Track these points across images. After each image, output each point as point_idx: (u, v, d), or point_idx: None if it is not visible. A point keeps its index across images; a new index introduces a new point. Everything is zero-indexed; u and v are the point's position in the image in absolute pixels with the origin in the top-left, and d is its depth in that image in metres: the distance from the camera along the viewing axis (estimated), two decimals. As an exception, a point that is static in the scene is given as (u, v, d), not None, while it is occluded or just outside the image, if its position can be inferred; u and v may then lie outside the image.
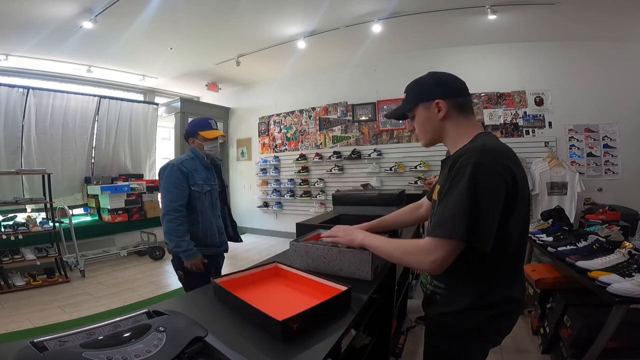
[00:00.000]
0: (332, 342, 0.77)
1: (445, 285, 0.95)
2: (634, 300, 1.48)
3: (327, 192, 5.30)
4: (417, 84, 1.00)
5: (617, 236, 2.09)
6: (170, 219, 1.75)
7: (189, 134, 1.96)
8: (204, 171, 1.92)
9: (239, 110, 6.54)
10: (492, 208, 0.79)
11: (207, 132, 1.93)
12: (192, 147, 1.96)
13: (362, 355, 1.31)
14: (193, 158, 1.92)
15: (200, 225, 1.86)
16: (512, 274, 0.91)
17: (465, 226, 0.77)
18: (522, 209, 0.86)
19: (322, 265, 1.20)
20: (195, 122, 1.98)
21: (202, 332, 0.67)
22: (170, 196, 1.78)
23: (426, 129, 0.99)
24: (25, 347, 0.58)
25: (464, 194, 0.79)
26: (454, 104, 0.94)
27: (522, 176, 0.85)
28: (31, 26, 3.42)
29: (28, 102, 4.22)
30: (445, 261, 0.81)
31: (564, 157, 4.02)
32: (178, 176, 1.80)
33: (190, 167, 1.86)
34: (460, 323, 0.92)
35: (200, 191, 1.87)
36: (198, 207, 1.86)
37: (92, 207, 4.93)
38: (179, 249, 1.75)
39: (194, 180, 1.84)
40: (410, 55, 4.71)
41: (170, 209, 1.76)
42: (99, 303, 3.13)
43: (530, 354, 2.15)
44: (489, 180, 0.79)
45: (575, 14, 3.40)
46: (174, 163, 1.85)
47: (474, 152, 0.82)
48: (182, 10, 3.37)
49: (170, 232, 1.75)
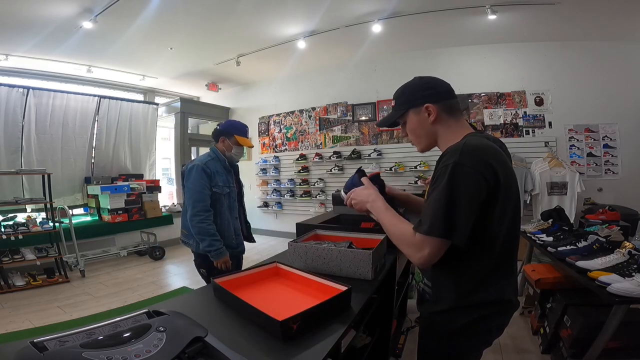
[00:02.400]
0: (332, 342, 0.78)
1: (432, 284, 0.97)
2: (634, 300, 1.48)
3: (327, 192, 5.30)
4: (405, 91, 1.01)
5: (617, 236, 2.09)
6: (201, 219, 1.79)
7: (222, 132, 1.96)
8: (224, 173, 1.94)
9: (239, 110, 6.54)
10: (467, 205, 0.81)
11: (243, 138, 1.97)
12: (213, 146, 1.97)
13: (362, 355, 1.31)
14: (214, 159, 1.93)
15: (218, 226, 1.88)
16: (500, 274, 0.90)
17: (442, 223, 0.80)
18: (507, 208, 0.86)
19: (322, 266, 1.20)
20: (234, 124, 2.01)
21: (202, 332, 0.67)
22: (198, 197, 1.81)
23: (419, 134, 1.01)
24: (25, 347, 0.58)
25: (442, 193, 0.82)
26: (443, 107, 0.96)
27: (507, 174, 0.85)
28: (31, 26, 3.42)
29: (28, 102, 4.22)
30: (431, 257, 0.84)
31: (564, 157, 4.02)
32: (203, 177, 1.83)
33: (213, 168, 1.88)
34: (449, 322, 0.92)
35: (221, 193, 1.90)
36: (217, 208, 1.89)
37: (92, 207, 4.93)
38: (212, 248, 1.79)
39: (215, 182, 1.87)
40: (410, 55, 4.71)
41: (200, 209, 1.80)
42: (99, 303, 3.12)
43: (530, 354, 2.15)
44: (466, 179, 0.81)
45: (575, 14, 3.40)
46: (198, 164, 1.86)
47: (455, 151, 0.84)
48: (182, 11, 3.37)
49: (203, 232, 1.79)
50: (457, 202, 0.80)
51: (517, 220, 0.91)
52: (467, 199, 0.81)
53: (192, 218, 1.81)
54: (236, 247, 2.00)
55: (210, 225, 1.81)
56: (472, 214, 0.81)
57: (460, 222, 0.80)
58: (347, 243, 1.28)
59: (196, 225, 1.80)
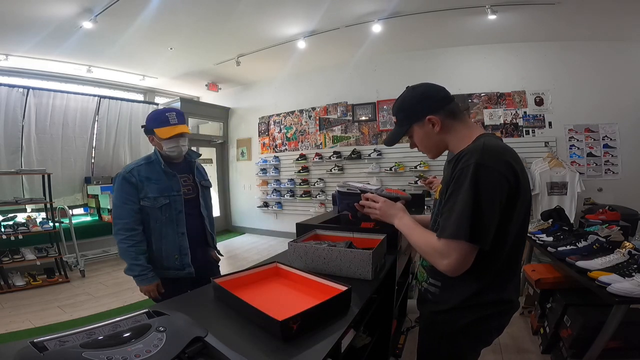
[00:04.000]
0: (332, 342, 0.77)
1: (441, 284, 0.96)
2: (634, 300, 1.48)
3: (327, 192, 5.30)
4: (402, 106, 1.00)
5: (617, 236, 2.09)
6: (121, 238, 1.51)
7: (146, 131, 1.63)
8: (162, 179, 1.58)
9: (239, 110, 6.54)
10: (492, 207, 0.80)
11: (162, 129, 1.56)
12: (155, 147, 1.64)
13: (362, 355, 1.31)
14: (152, 162, 1.60)
15: (153, 246, 1.57)
16: (506, 275, 0.91)
17: (468, 226, 0.78)
18: (522, 209, 0.86)
19: (322, 266, 1.20)
20: (151, 116, 1.64)
21: (202, 332, 0.67)
22: (118, 213, 1.53)
23: (427, 145, 1.00)
24: (25, 347, 0.58)
25: (466, 195, 0.80)
26: (445, 114, 0.94)
27: (524, 176, 0.86)
28: (31, 26, 3.42)
29: (28, 102, 4.22)
30: (459, 263, 0.82)
31: (564, 157, 4.02)
32: (125, 189, 1.52)
33: (142, 175, 1.55)
34: (451, 322, 0.92)
35: (152, 206, 1.55)
36: (150, 224, 1.57)
37: (92, 207, 4.93)
38: (133, 273, 1.52)
39: (144, 193, 1.54)
40: (410, 55, 4.71)
41: (120, 228, 1.51)
42: (99, 303, 3.13)
43: (530, 354, 2.15)
44: (490, 180, 0.80)
45: (575, 14, 3.40)
46: (121, 173, 1.56)
47: (475, 152, 0.83)
48: (182, 11, 3.37)
49: (122, 253, 1.53)
50: (482, 205, 0.79)
51: (527, 221, 0.91)
52: (492, 201, 0.79)
53: (114, 236, 1.54)
54: (180, 268, 1.60)
55: (133, 247, 1.50)
56: (497, 215, 0.80)
57: (487, 225, 0.79)
58: (347, 243, 1.28)
59: (118, 245, 1.53)
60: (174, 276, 1.60)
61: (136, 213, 1.54)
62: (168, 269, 1.59)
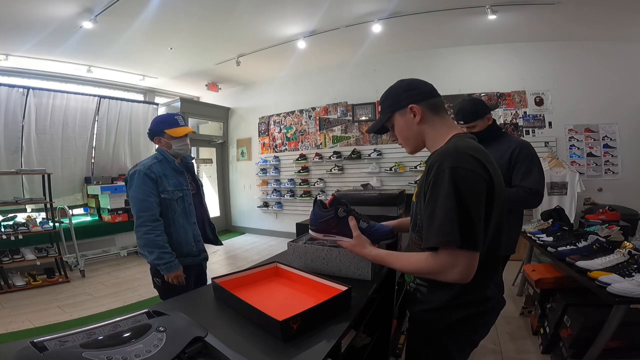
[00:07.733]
0: (332, 342, 0.77)
1: (427, 283, 0.97)
2: (634, 300, 1.48)
3: (327, 192, 5.30)
4: (389, 95, 1.03)
5: (617, 236, 2.09)
6: (147, 230, 1.63)
7: (154, 133, 1.78)
8: (174, 175, 1.76)
9: (239, 110, 6.54)
10: (478, 208, 0.81)
11: (174, 129, 1.75)
12: (159, 147, 1.79)
13: (362, 355, 1.31)
14: (161, 161, 1.75)
15: (173, 235, 1.72)
16: (487, 272, 0.91)
17: (457, 230, 0.78)
18: (497, 207, 0.87)
19: (321, 266, 1.20)
20: (160, 119, 1.81)
21: (202, 332, 0.67)
22: (143, 206, 1.64)
23: (406, 136, 1.01)
24: (25, 347, 0.58)
25: (449, 199, 0.79)
26: (427, 106, 0.96)
27: (496, 172, 0.87)
28: (31, 26, 3.42)
29: (28, 102, 4.23)
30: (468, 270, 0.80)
31: (564, 157, 4.02)
32: (147, 184, 1.66)
33: (158, 172, 1.70)
34: (437, 321, 0.94)
35: (171, 198, 1.72)
36: (169, 215, 1.72)
37: (92, 207, 4.93)
38: (161, 261, 1.63)
39: (163, 187, 1.70)
40: (410, 55, 4.71)
41: (145, 220, 1.63)
42: (99, 303, 3.13)
43: (530, 354, 2.15)
44: (469, 182, 0.80)
45: (575, 13, 3.41)
46: (140, 169, 1.68)
47: (448, 155, 0.83)
48: (182, 11, 3.37)
49: (150, 244, 1.63)
50: (469, 207, 0.78)
51: (503, 219, 0.91)
52: (475, 202, 0.80)
53: (137, 229, 1.64)
54: (197, 254, 1.82)
55: (159, 236, 1.64)
56: (482, 216, 0.81)
57: (477, 227, 0.79)
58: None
59: (142, 237, 1.64)
60: (189, 263, 1.77)
61: (158, 205, 1.69)
62: (186, 257, 1.76)
